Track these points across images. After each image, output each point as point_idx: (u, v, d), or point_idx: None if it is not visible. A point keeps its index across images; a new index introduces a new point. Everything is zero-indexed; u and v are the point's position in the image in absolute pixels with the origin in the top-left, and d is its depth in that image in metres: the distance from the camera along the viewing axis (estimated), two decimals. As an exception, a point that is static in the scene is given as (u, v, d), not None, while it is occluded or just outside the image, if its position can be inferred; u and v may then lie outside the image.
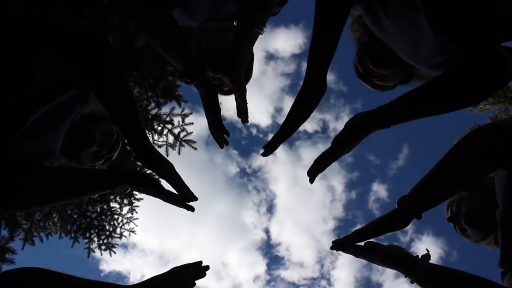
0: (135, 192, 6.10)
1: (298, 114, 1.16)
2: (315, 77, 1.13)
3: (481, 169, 1.09)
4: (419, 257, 1.26)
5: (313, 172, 1.18)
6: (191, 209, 1.34)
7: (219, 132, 1.53)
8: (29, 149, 1.24)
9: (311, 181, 1.19)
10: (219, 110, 1.52)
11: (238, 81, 1.40)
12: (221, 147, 1.56)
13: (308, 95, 1.15)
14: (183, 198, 1.31)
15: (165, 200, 1.32)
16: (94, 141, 1.52)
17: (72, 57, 1.19)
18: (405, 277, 1.24)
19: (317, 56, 1.13)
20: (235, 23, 1.45)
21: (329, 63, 1.13)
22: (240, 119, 1.48)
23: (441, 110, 1.18)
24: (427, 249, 1.28)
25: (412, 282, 1.24)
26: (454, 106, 1.17)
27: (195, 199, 1.32)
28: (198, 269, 1.31)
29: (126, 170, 1.29)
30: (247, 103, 1.48)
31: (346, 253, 1.28)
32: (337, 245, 1.21)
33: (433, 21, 1.12)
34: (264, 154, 1.20)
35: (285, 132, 1.17)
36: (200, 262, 1.34)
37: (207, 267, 1.32)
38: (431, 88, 1.17)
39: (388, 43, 1.36)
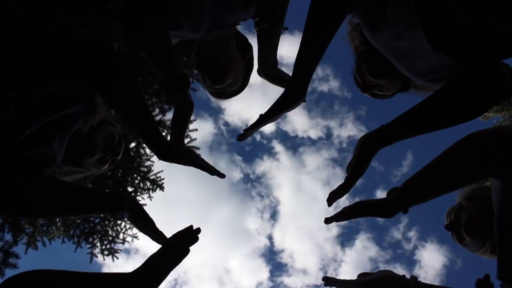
0: (138, 197, 6.11)
1: (272, 113, 1.27)
2: (296, 87, 1.22)
3: (472, 174, 1.11)
4: (409, 277, 1.29)
5: (332, 200, 1.24)
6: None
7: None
8: (34, 155, 1.24)
9: (329, 205, 1.25)
10: (185, 130, 1.58)
11: (278, 77, 1.59)
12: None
13: (285, 101, 1.24)
14: (215, 173, 1.38)
15: (157, 241, 1.37)
16: (96, 149, 1.51)
17: (79, 66, 1.20)
18: None
19: (301, 68, 1.20)
20: (256, 29, 1.53)
21: (312, 74, 1.20)
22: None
23: (439, 126, 1.20)
24: (415, 276, 1.32)
25: None
26: (453, 122, 1.19)
27: (224, 176, 1.40)
28: (190, 235, 1.34)
29: (129, 200, 1.32)
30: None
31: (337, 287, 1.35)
32: (328, 220, 1.24)
33: (431, 36, 1.13)
34: (239, 139, 1.35)
35: (256, 124, 1.29)
36: (191, 226, 1.36)
37: (198, 230, 1.35)
38: (429, 106, 1.20)
39: (384, 54, 1.36)
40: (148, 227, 1.36)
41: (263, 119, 1.28)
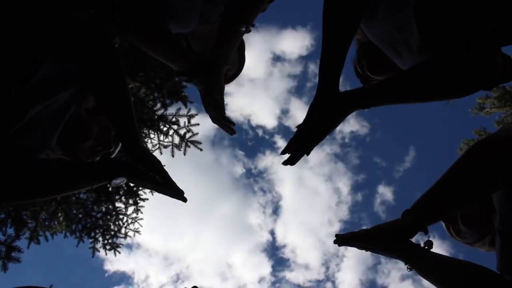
0: (140, 192, 6.13)
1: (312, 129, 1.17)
2: (327, 91, 1.14)
3: (484, 188, 1.08)
4: (421, 245, 1.25)
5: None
6: (183, 199, 1.33)
7: (224, 124, 1.55)
8: (23, 141, 1.24)
9: (287, 163, 1.22)
10: (222, 105, 1.53)
11: (218, 79, 1.44)
12: (230, 134, 1.59)
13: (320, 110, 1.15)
14: (173, 194, 1.30)
15: (159, 191, 1.32)
16: (91, 135, 1.49)
17: (72, 52, 1.20)
18: (405, 264, 1.24)
19: (329, 67, 1.14)
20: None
21: (339, 74, 1.14)
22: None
23: (421, 99, 1.17)
24: (429, 238, 1.28)
25: (409, 270, 1.23)
26: (434, 97, 1.17)
27: (184, 199, 1.32)
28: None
29: (123, 162, 1.29)
30: (224, 100, 1.53)
31: (351, 246, 1.29)
32: (340, 240, 1.24)
33: (423, 28, 1.12)
34: (285, 163, 1.22)
35: (301, 147, 1.19)
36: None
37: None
38: (412, 74, 1.16)
39: (379, 46, 1.36)
40: (150, 181, 1.29)
41: (314, 135, 1.18)
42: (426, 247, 1.25)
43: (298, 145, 1.19)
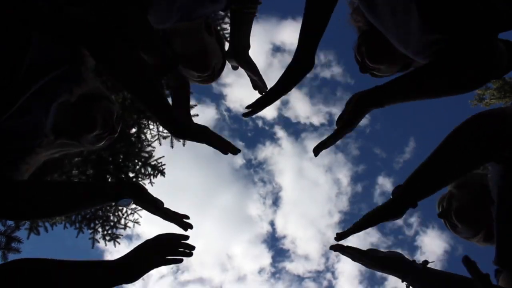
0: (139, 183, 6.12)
1: (281, 87, 1.22)
2: (302, 55, 1.19)
3: (472, 160, 1.10)
4: (420, 262, 1.29)
5: (319, 150, 1.23)
6: (189, 227, 1.38)
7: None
8: (12, 127, 1.23)
9: (316, 154, 1.24)
10: (189, 107, 1.59)
11: (248, 62, 1.52)
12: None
13: (293, 71, 1.21)
14: (228, 149, 1.34)
15: (164, 218, 1.38)
16: (96, 126, 1.50)
17: (73, 43, 1.19)
18: (402, 281, 1.27)
19: (306, 34, 1.19)
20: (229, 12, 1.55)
21: (318, 41, 1.18)
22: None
23: (431, 94, 1.19)
24: (427, 261, 1.32)
25: (408, 287, 1.26)
26: (443, 92, 1.17)
27: (239, 151, 1.36)
28: (181, 242, 1.31)
29: (130, 184, 1.32)
30: (262, 77, 1.60)
31: (345, 255, 1.33)
32: (340, 237, 1.25)
33: (423, 10, 1.12)
34: (244, 116, 1.27)
35: (266, 99, 1.24)
36: (187, 237, 1.33)
37: (192, 247, 1.32)
38: (422, 73, 1.18)
39: (381, 30, 1.35)
40: (154, 208, 1.36)
41: (273, 92, 1.24)
42: (422, 265, 1.29)
43: (266, 98, 1.25)
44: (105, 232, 6.07)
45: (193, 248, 1.31)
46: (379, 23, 1.32)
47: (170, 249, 1.27)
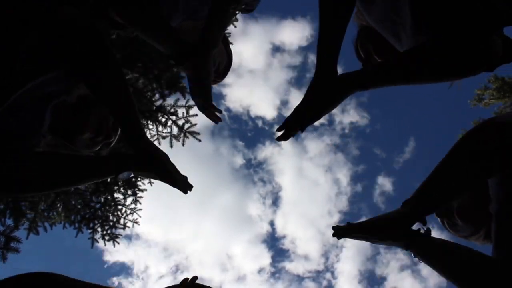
0: (139, 183, 6.13)
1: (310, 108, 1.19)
2: (325, 70, 1.16)
3: (481, 173, 1.09)
4: (421, 231, 1.26)
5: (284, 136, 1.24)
6: (189, 187, 1.39)
7: (210, 112, 1.54)
8: (10, 127, 1.23)
9: (280, 139, 1.25)
10: (209, 92, 1.52)
11: (207, 62, 1.43)
12: (216, 123, 1.58)
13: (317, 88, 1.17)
14: (180, 186, 1.36)
15: (165, 182, 1.36)
16: (87, 128, 1.49)
17: (64, 47, 1.19)
18: (406, 250, 1.25)
19: (326, 49, 1.15)
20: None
21: (338, 53, 1.16)
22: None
23: (418, 80, 1.18)
24: (428, 228, 1.30)
25: (415, 256, 1.24)
26: (431, 79, 1.17)
27: (190, 187, 1.39)
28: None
29: (129, 155, 1.31)
30: (211, 88, 1.52)
31: (349, 238, 1.30)
32: (339, 233, 1.25)
33: (416, 11, 1.12)
34: (278, 139, 1.25)
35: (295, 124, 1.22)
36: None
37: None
38: (409, 56, 1.17)
39: (377, 28, 1.35)
40: (156, 172, 1.34)
41: (302, 116, 1.21)
42: (425, 234, 1.27)
43: (294, 123, 1.22)
44: (104, 232, 6.08)
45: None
46: (378, 25, 1.32)
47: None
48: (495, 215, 1.23)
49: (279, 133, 1.25)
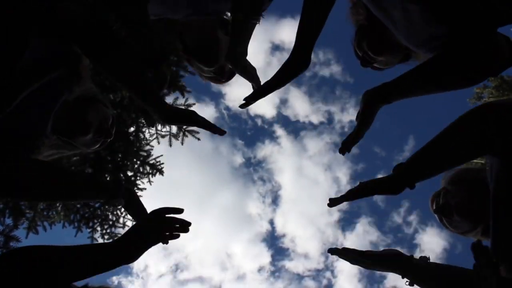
0: (138, 182, 6.13)
1: (275, 82, 1.27)
2: (299, 52, 1.23)
3: (472, 150, 1.14)
4: (418, 257, 1.29)
5: (345, 149, 1.29)
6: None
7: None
8: (14, 127, 1.24)
9: (343, 153, 1.30)
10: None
11: (245, 67, 1.52)
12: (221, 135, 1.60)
13: (289, 68, 1.25)
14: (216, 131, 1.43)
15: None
16: (90, 129, 1.52)
17: (71, 42, 1.20)
18: (402, 278, 1.28)
19: (304, 32, 1.22)
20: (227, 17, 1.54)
21: (315, 40, 1.22)
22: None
23: (436, 90, 1.23)
24: (427, 256, 1.32)
25: (411, 284, 1.27)
26: (447, 86, 1.21)
27: (224, 132, 1.44)
28: (177, 219, 1.29)
29: (126, 188, 1.39)
30: (260, 83, 1.57)
31: (343, 259, 1.35)
32: (332, 202, 1.28)
33: (429, 3, 1.13)
34: (241, 107, 1.33)
35: (260, 92, 1.30)
36: (181, 210, 1.30)
37: (188, 223, 1.30)
38: (426, 68, 1.21)
39: (384, 22, 1.36)
40: (139, 215, 1.42)
41: (268, 86, 1.28)
42: (421, 260, 1.30)
43: (261, 91, 1.30)
44: (104, 231, 6.07)
45: (189, 224, 1.30)
46: (383, 15, 1.32)
47: (167, 225, 1.27)
48: (492, 210, 1.23)
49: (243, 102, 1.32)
